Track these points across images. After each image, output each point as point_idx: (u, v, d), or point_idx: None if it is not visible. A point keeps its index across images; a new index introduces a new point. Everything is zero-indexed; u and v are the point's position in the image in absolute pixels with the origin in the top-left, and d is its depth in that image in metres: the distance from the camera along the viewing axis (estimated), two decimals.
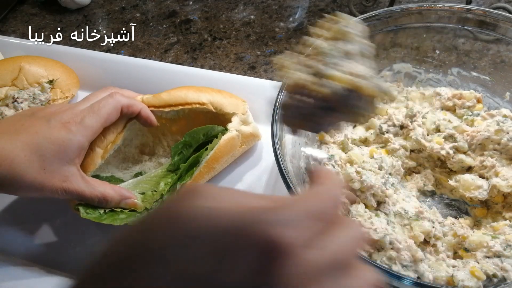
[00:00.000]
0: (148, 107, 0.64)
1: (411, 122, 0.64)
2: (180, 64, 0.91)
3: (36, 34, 1.04)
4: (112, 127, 0.62)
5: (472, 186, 0.57)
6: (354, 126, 0.68)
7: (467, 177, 0.58)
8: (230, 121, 0.67)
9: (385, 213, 0.56)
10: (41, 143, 0.53)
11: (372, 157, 0.61)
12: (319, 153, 0.63)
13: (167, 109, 0.65)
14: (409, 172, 0.64)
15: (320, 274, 0.25)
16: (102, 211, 0.57)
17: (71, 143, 0.54)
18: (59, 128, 0.54)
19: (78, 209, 0.56)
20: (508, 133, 0.58)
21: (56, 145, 0.53)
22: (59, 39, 1.02)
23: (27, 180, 0.52)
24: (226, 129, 0.65)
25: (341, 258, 0.27)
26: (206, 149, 0.64)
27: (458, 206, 0.60)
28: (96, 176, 0.62)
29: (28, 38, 1.02)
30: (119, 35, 1.01)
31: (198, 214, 0.26)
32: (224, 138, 0.64)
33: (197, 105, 0.65)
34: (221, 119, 0.68)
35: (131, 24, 1.03)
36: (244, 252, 0.24)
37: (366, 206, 0.57)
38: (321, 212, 0.28)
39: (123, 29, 1.02)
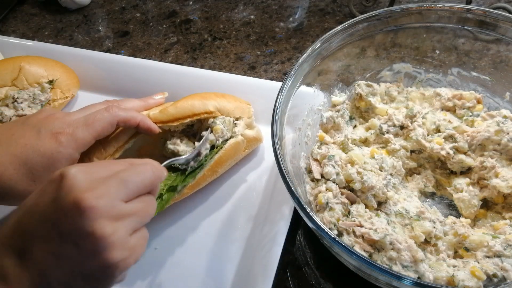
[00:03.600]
0: (156, 123, 0.62)
1: (411, 123, 0.64)
2: (180, 64, 0.91)
3: (36, 34, 1.05)
4: (114, 141, 0.61)
5: (465, 203, 0.58)
6: (355, 127, 0.68)
7: (462, 194, 0.58)
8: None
9: (386, 213, 0.56)
10: (30, 155, 0.52)
11: (373, 157, 0.61)
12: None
13: (175, 123, 0.63)
14: (410, 173, 0.64)
15: (92, 182, 0.40)
16: None
17: (60, 156, 0.53)
18: (49, 138, 0.53)
19: None
20: (508, 133, 0.58)
21: (46, 157, 0.53)
22: (59, 39, 1.02)
23: (16, 192, 0.52)
24: (231, 136, 0.66)
25: (112, 169, 0.42)
26: (211, 153, 0.64)
27: None
28: None
29: (28, 38, 1.03)
30: (119, 35, 1.01)
31: None
32: (230, 142, 0.65)
33: (205, 115, 0.65)
34: None
35: (131, 24, 1.03)
36: (49, 184, 0.41)
37: (367, 206, 0.57)
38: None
39: (123, 29, 1.03)
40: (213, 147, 0.65)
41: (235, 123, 0.67)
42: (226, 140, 0.65)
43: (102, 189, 0.39)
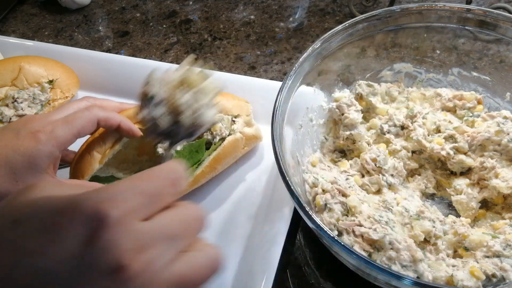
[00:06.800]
0: None
1: (412, 123, 0.64)
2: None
3: (36, 34, 1.05)
4: (112, 133, 0.61)
5: (463, 206, 0.58)
6: None
7: (460, 196, 0.58)
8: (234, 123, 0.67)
9: (389, 209, 0.56)
10: (10, 155, 0.51)
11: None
12: None
13: None
14: (411, 174, 0.64)
15: (148, 242, 0.28)
16: None
17: (40, 153, 0.52)
18: (29, 138, 0.52)
19: None
20: (508, 134, 0.58)
21: (26, 156, 0.52)
22: (59, 39, 1.02)
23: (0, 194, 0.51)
24: (230, 134, 0.66)
25: (173, 231, 0.30)
26: (208, 149, 0.64)
27: None
28: (95, 177, 0.62)
29: (28, 38, 1.03)
30: (119, 35, 1.01)
31: (28, 201, 0.30)
32: (228, 139, 0.65)
33: None
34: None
35: (131, 24, 1.03)
36: (71, 225, 0.27)
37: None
38: (151, 190, 0.30)
39: (123, 29, 1.03)
40: (210, 144, 0.65)
41: (234, 121, 0.67)
42: (224, 138, 0.65)
43: (151, 262, 0.29)
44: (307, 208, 0.47)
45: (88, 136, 0.64)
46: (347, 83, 0.69)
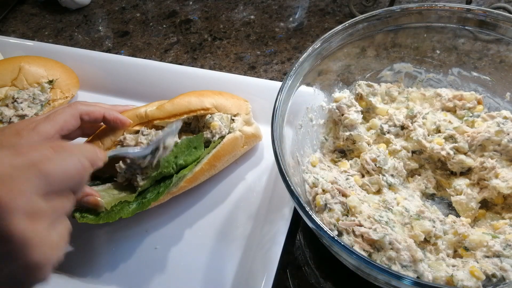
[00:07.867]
0: (153, 120, 0.63)
1: (412, 123, 0.64)
2: (180, 64, 0.91)
3: (36, 34, 1.05)
4: (111, 134, 0.61)
5: (463, 206, 0.58)
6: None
7: (460, 197, 0.58)
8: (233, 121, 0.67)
9: (389, 209, 0.56)
10: None
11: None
12: None
13: (172, 119, 0.64)
14: (411, 174, 0.64)
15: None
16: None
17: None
18: (13, 135, 0.53)
19: (74, 216, 0.57)
20: (508, 134, 0.58)
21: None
22: (59, 39, 1.02)
23: None
24: (229, 132, 0.66)
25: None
26: (208, 147, 0.64)
27: None
28: (95, 177, 0.62)
29: (28, 38, 1.03)
30: (119, 35, 1.01)
31: None
32: (228, 137, 0.65)
33: (202, 111, 0.65)
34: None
35: (131, 24, 1.04)
36: None
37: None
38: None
39: (123, 29, 1.03)
40: (209, 142, 0.65)
41: (233, 119, 0.68)
42: (224, 136, 0.65)
43: (17, 183, 0.35)
44: (307, 208, 0.47)
45: (86, 138, 0.64)
46: (347, 83, 0.69)
